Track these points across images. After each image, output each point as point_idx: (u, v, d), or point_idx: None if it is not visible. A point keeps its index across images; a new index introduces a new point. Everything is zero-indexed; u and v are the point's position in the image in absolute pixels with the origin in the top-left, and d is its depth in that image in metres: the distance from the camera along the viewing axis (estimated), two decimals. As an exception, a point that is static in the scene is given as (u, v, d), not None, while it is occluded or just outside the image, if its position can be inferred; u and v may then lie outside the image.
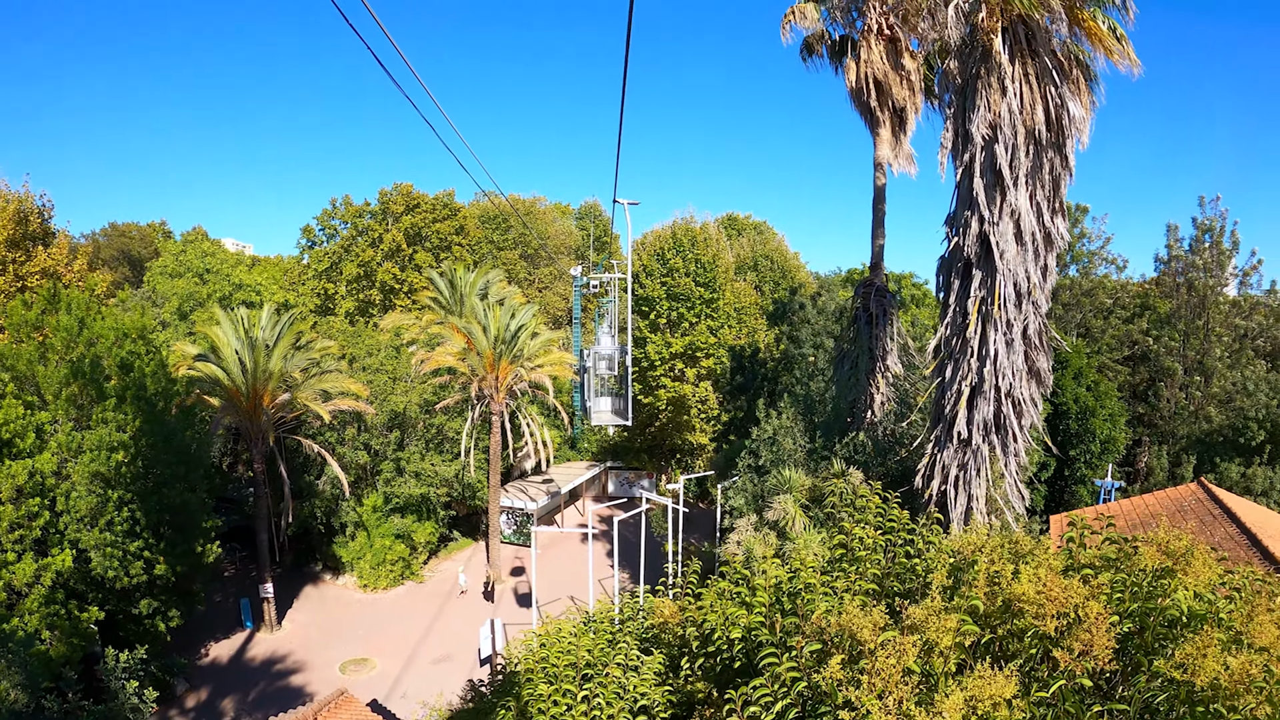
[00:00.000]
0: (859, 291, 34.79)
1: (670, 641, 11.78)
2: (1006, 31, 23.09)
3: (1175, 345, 51.01)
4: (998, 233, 22.71)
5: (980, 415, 23.00)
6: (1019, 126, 22.89)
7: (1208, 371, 49.87)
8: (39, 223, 59.06)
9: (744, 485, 30.05)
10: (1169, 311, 52.27)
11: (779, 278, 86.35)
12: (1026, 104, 22.96)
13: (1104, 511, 35.26)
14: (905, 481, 28.75)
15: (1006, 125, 22.90)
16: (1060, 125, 23.14)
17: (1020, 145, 22.91)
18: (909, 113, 35.60)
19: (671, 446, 75.98)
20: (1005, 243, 22.69)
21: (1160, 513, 32.37)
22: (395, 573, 53.74)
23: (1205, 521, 29.68)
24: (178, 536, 38.60)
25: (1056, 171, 23.42)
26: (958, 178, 23.85)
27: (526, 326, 52.87)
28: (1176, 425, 50.37)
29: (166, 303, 70.20)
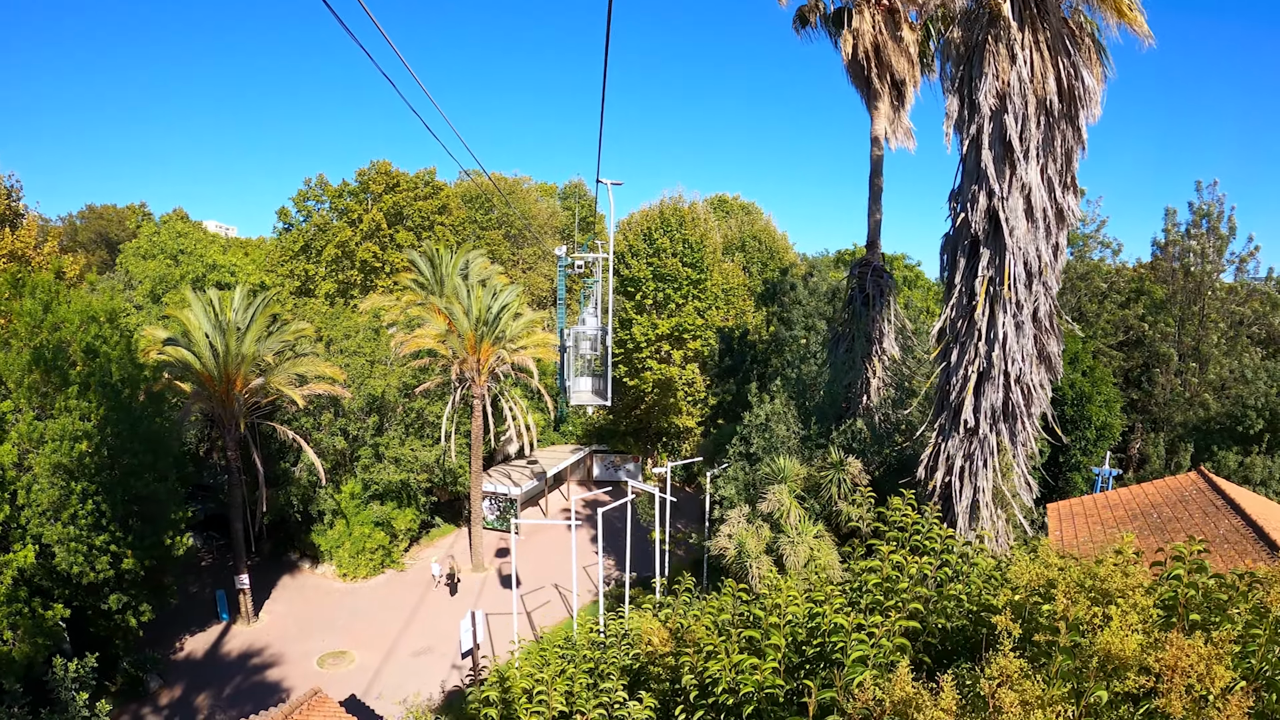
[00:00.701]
0: (854, 271, 33.40)
1: (661, 677, 10.25)
2: (1015, -5, 21.76)
3: (1171, 331, 50.35)
4: (1007, 208, 21.39)
5: (988, 402, 21.70)
6: (1029, 96, 21.57)
7: (1203, 358, 49.33)
8: (5, 204, 57.35)
9: (735, 474, 28.64)
10: (1164, 297, 51.65)
11: (767, 258, 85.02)
12: (1037, 72, 21.63)
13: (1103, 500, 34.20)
14: (905, 471, 27.49)
15: (1016, 95, 21.57)
16: (1073, 95, 21.85)
17: (1031, 116, 21.59)
18: (908, 86, 34.28)
19: (657, 429, 74.76)
20: (1015, 219, 21.37)
21: (1160, 503, 31.37)
22: (375, 561, 52.29)
23: (1208, 513, 28.67)
24: (146, 529, 37.12)
25: (1069, 144, 22.12)
26: (963, 151, 22.52)
27: (509, 307, 51.37)
28: (1172, 412, 49.68)
29: (139, 285, 68.43)
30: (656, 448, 76.12)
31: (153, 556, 37.16)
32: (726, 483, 28.57)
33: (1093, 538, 30.03)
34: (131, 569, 35.50)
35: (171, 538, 38.01)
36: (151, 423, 38.17)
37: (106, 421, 35.56)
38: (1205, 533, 27.13)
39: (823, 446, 27.54)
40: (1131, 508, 31.93)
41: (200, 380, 42.97)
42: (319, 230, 78.45)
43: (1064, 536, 30.04)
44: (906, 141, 34.93)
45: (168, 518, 38.03)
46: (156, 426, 38.55)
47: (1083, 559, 8.16)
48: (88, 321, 37.51)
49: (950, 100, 22.67)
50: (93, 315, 38.13)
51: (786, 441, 28.07)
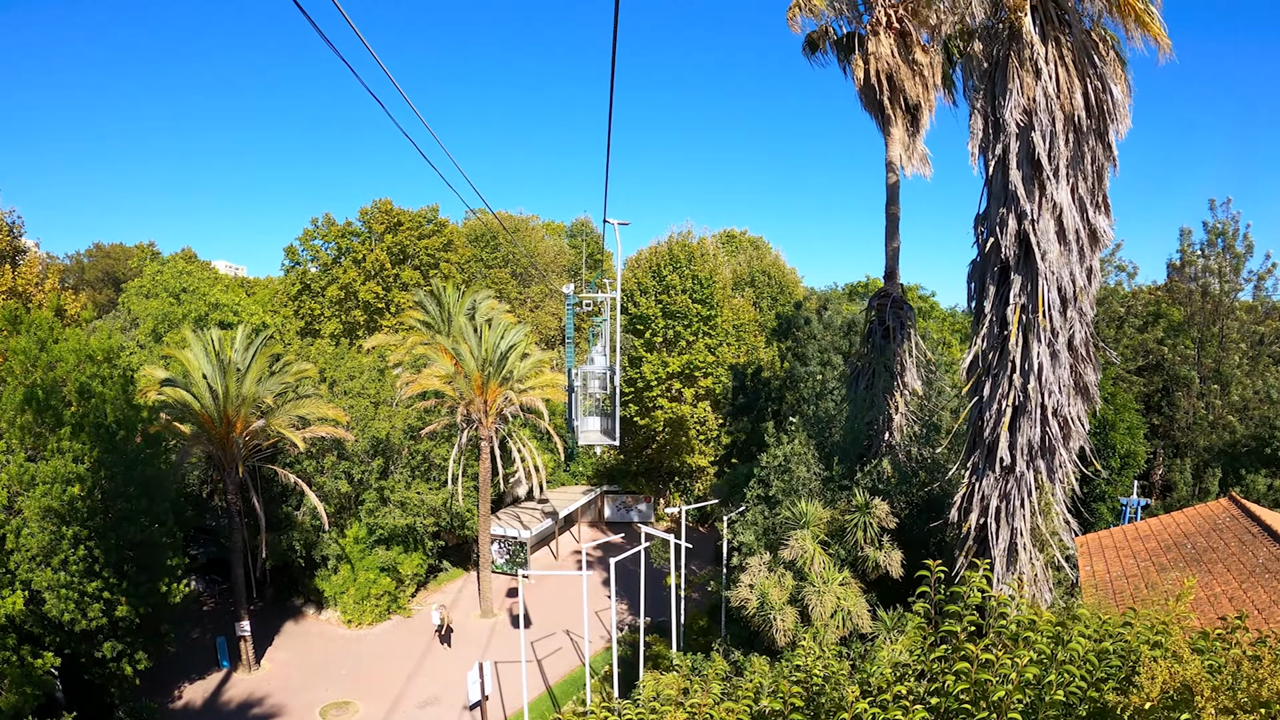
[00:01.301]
0: (873, 303, 32.11)
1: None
2: (1035, 9, 20.69)
3: (1190, 353, 49.39)
4: (1038, 231, 20.17)
5: (1024, 438, 20.36)
6: (1057, 112, 20.43)
7: (1225, 380, 48.36)
8: (7, 240, 56.56)
9: (753, 519, 27.16)
10: (1183, 319, 50.79)
11: (777, 293, 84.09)
12: (1063, 87, 20.53)
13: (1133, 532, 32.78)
14: (932, 511, 26.12)
15: (1043, 111, 20.43)
16: (1101, 110, 20.73)
17: (1059, 132, 20.45)
18: (922, 110, 33.23)
19: (669, 469, 73.27)
20: (1047, 242, 20.14)
21: (1193, 532, 30.02)
22: (381, 607, 50.78)
23: (1244, 541, 27.37)
24: (141, 575, 35.89)
25: (1099, 161, 20.97)
26: (989, 172, 21.32)
27: (517, 347, 50.14)
28: (1195, 436, 48.65)
29: (141, 324, 67.42)
30: (669, 487, 74.63)
31: (148, 604, 35.84)
32: (745, 528, 27.08)
33: (1126, 573, 28.56)
34: (126, 616, 34.25)
35: (168, 585, 36.72)
36: (147, 466, 36.96)
37: (100, 464, 34.39)
38: (1244, 563, 25.72)
39: (846, 488, 26.13)
40: (1163, 539, 30.50)
41: (200, 422, 41.76)
42: (323, 270, 77.59)
43: (1095, 572, 28.59)
44: (922, 168, 33.83)
45: (164, 564, 36.78)
46: (152, 470, 37.34)
47: (1142, 610, 6.73)
48: (84, 361, 36.50)
49: (974, 119, 21.54)
50: (89, 354, 37.12)
51: (807, 483, 26.64)
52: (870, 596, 23.45)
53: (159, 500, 37.25)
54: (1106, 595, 26.22)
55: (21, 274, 53.80)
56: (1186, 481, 46.22)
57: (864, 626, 22.52)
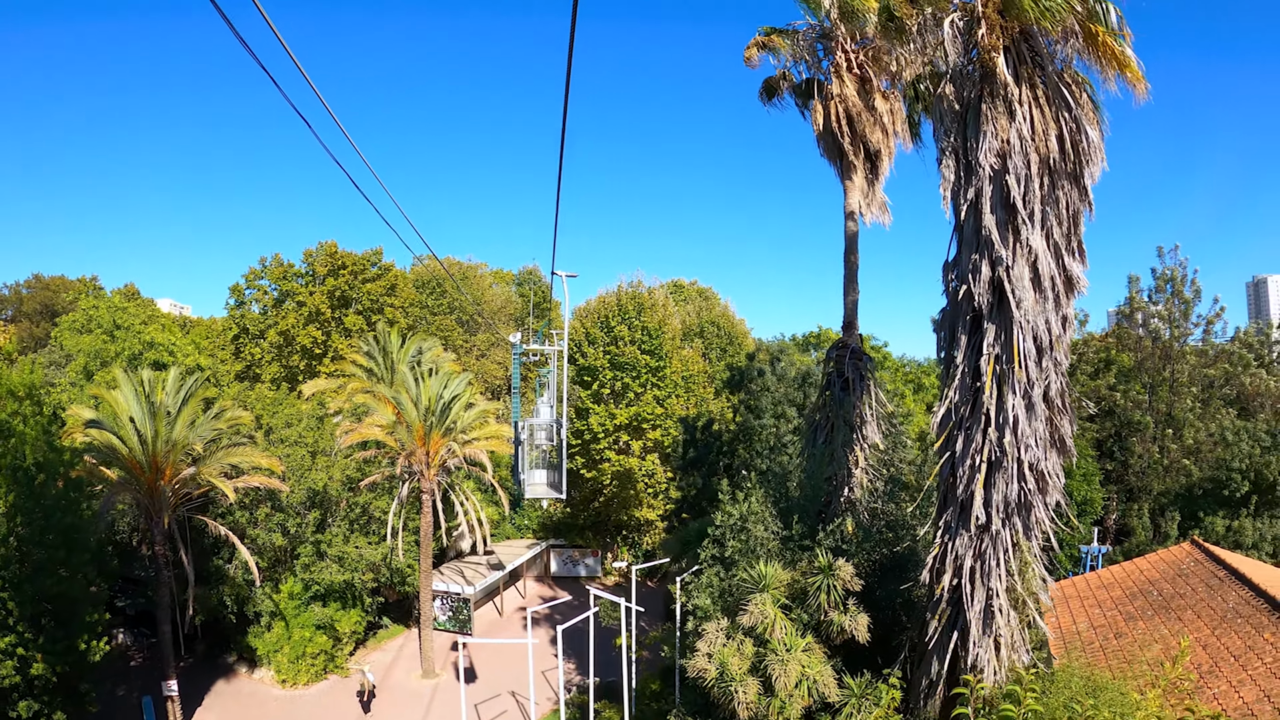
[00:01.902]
0: (831, 354, 30.94)
1: None
2: (1009, 50, 19.87)
3: (1142, 398, 49.64)
4: (1013, 278, 19.16)
5: (999, 494, 19.19)
6: (1032, 154, 19.53)
7: (1178, 423, 48.74)
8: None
9: (709, 581, 25.58)
10: (1133, 364, 51.45)
11: (726, 344, 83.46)
12: (1038, 129, 19.64)
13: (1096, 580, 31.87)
14: (899, 571, 24.88)
15: (1017, 154, 19.53)
16: (1077, 152, 19.82)
17: (1034, 176, 19.53)
18: (883, 157, 32.40)
19: (617, 522, 71.70)
20: (1022, 289, 19.13)
21: (1158, 579, 29.34)
22: (317, 666, 48.37)
23: (1212, 586, 26.88)
24: (59, 631, 33.78)
25: (1074, 205, 20.03)
26: (960, 216, 20.34)
27: (460, 397, 48.46)
28: (1150, 480, 48.95)
29: (73, 360, 64.79)
30: (616, 541, 72.96)
31: (65, 662, 33.62)
32: (700, 591, 25.44)
33: (1093, 624, 27.63)
34: (42, 675, 32.10)
35: (87, 642, 34.45)
36: (67, 513, 34.78)
37: (16, 509, 32.48)
38: (1214, 608, 25.01)
39: (807, 548, 24.71)
40: (1128, 587, 29.70)
41: (127, 467, 39.54)
42: (265, 312, 75.61)
43: (1062, 624, 27.62)
44: (882, 216, 32.94)
45: (82, 620, 34.56)
46: (73, 517, 35.12)
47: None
48: (4, 397, 34.58)
49: (945, 163, 20.58)
50: (10, 390, 35.17)
51: (765, 543, 25.18)
52: (835, 662, 22.07)
53: (79, 550, 35.17)
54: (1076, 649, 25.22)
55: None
56: (1145, 526, 46.37)
57: (831, 695, 21.13)
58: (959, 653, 20.51)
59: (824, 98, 32.45)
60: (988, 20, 19.68)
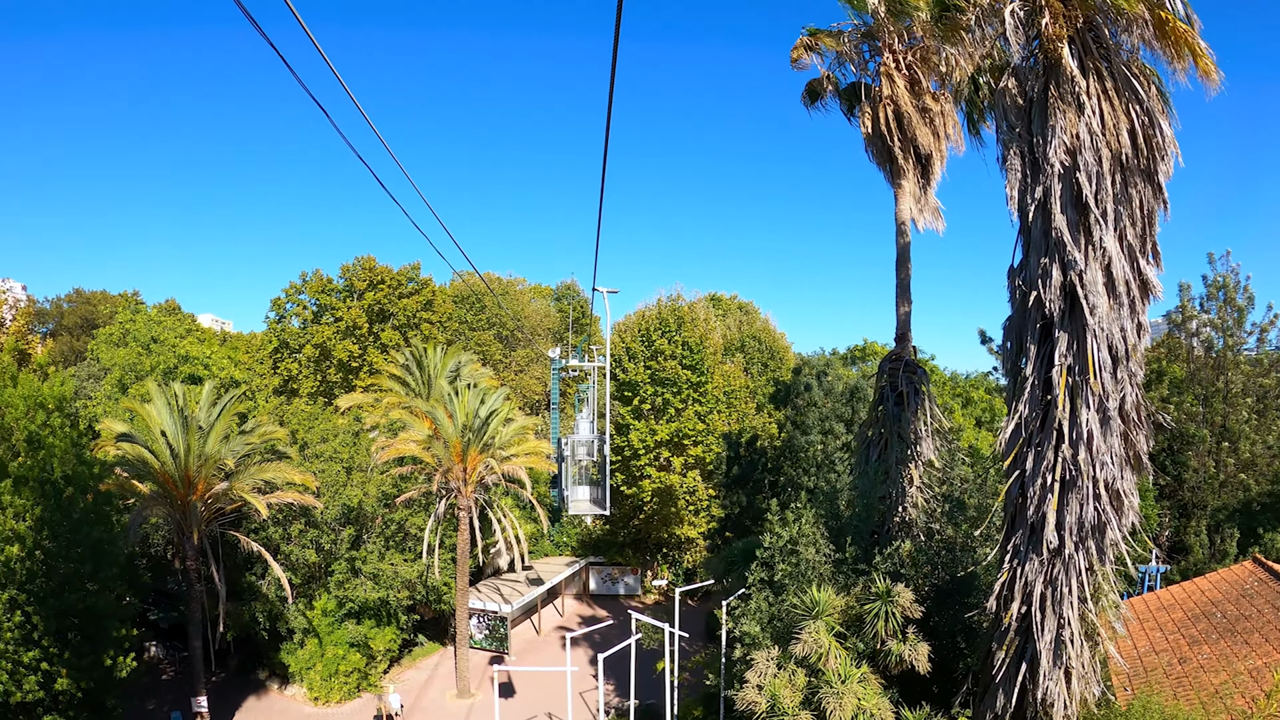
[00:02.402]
0: (884, 367, 29.51)
1: None
2: (1073, 41, 18.55)
3: (1196, 411, 47.69)
4: (1086, 282, 17.80)
5: (1073, 516, 17.77)
6: (1103, 150, 18.18)
7: (1233, 436, 46.96)
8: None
9: (757, 606, 24.16)
10: (1185, 375, 49.67)
11: (767, 358, 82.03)
12: (1109, 123, 18.31)
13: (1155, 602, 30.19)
14: (958, 596, 23.41)
15: (1088, 149, 18.17)
16: (1151, 147, 18.48)
17: (1106, 173, 18.16)
18: (934, 160, 31.11)
19: (657, 540, 70.31)
20: (1096, 295, 17.77)
21: (1221, 599, 27.69)
22: (350, 685, 47.33)
23: (1278, 606, 25.09)
24: (85, 646, 33.11)
25: (1149, 204, 18.64)
26: (1029, 217, 18.95)
27: (498, 413, 47.30)
28: (1205, 495, 46.83)
29: (109, 374, 64.47)
30: (656, 559, 71.61)
31: (90, 678, 32.94)
32: (749, 617, 24.02)
33: (1155, 647, 25.96)
34: (66, 690, 31.41)
35: (113, 658, 33.69)
36: (95, 526, 34.07)
37: (44, 522, 31.81)
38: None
39: (862, 572, 23.26)
40: (1189, 608, 28.03)
41: (159, 481, 38.82)
42: (304, 326, 75.16)
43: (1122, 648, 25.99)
44: (935, 222, 31.64)
45: (109, 635, 33.81)
46: (101, 531, 34.40)
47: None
48: (34, 408, 33.93)
49: (1012, 159, 19.22)
50: (40, 402, 34.54)
51: (817, 567, 23.73)
52: (893, 694, 20.63)
53: (107, 565, 34.49)
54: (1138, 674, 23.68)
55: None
56: (1202, 543, 44.40)
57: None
58: (1027, 685, 19.07)
59: (872, 100, 31.31)
60: (1051, 8, 18.43)
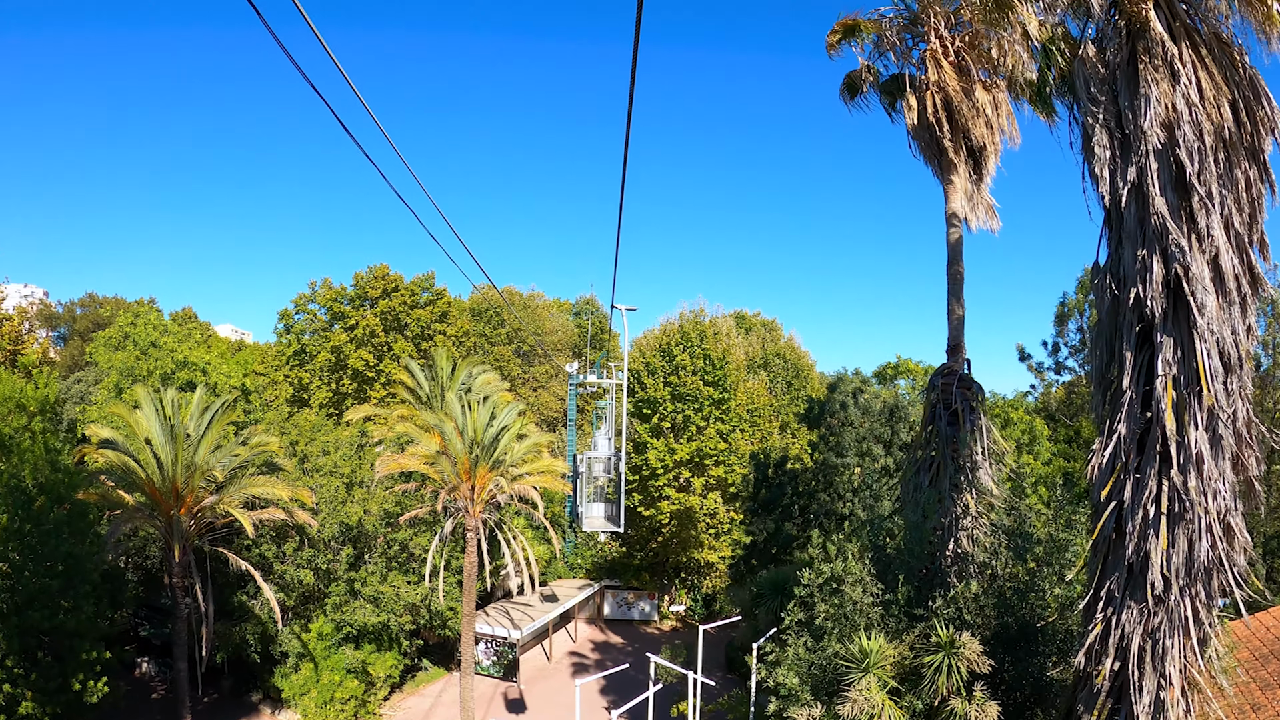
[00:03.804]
0: (935, 382, 26.36)
1: None
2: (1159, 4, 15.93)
3: None
4: (1192, 277, 14.92)
5: (1179, 555, 14.82)
6: (1203, 123, 15.43)
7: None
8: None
9: (795, 654, 21.05)
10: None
11: (792, 376, 79.30)
12: (1208, 94, 15.63)
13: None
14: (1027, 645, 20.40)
15: (1187, 123, 15.40)
16: (1254, 121, 15.81)
17: (1208, 150, 15.39)
18: (988, 153, 28.31)
19: (675, 564, 67.49)
20: (1204, 291, 14.90)
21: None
22: (347, 712, 44.36)
23: None
24: (54, 668, 30.74)
25: (1255, 186, 15.87)
26: (1121, 204, 16.12)
27: (510, 428, 44.21)
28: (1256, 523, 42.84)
29: (105, 378, 62.27)
30: (674, 584, 68.76)
31: (58, 702, 30.50)
32: (786, 667, 20.88)
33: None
34: (31, 714, 29.14)
35: (83, 682, 31.12)
36: (68, 540, 31.64)
37: (10, 533, 29.68)
38: None
39: (918, 618, 20.19)
40: (1256, 647, 24.52)
41: (145, 491, 36.26)
42: (315, 335, 73.05)
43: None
44: (989, 220, 28.79)
45: (78, 658, 31.25)
46: (72, 545, 31.90)
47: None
48: (13, 410, 31.63)
49: (1098, 135, 16.41)
50: (21, 403, 32.22)
51: (864, 609, 20.61)
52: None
53: (80, 581, 31.93)
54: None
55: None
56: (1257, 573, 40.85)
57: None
58: (1118, 756, 16.06)
59: (917, 90, 28.55)
60: (1132, -37, 15.83)
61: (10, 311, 54.37)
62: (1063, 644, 20.28)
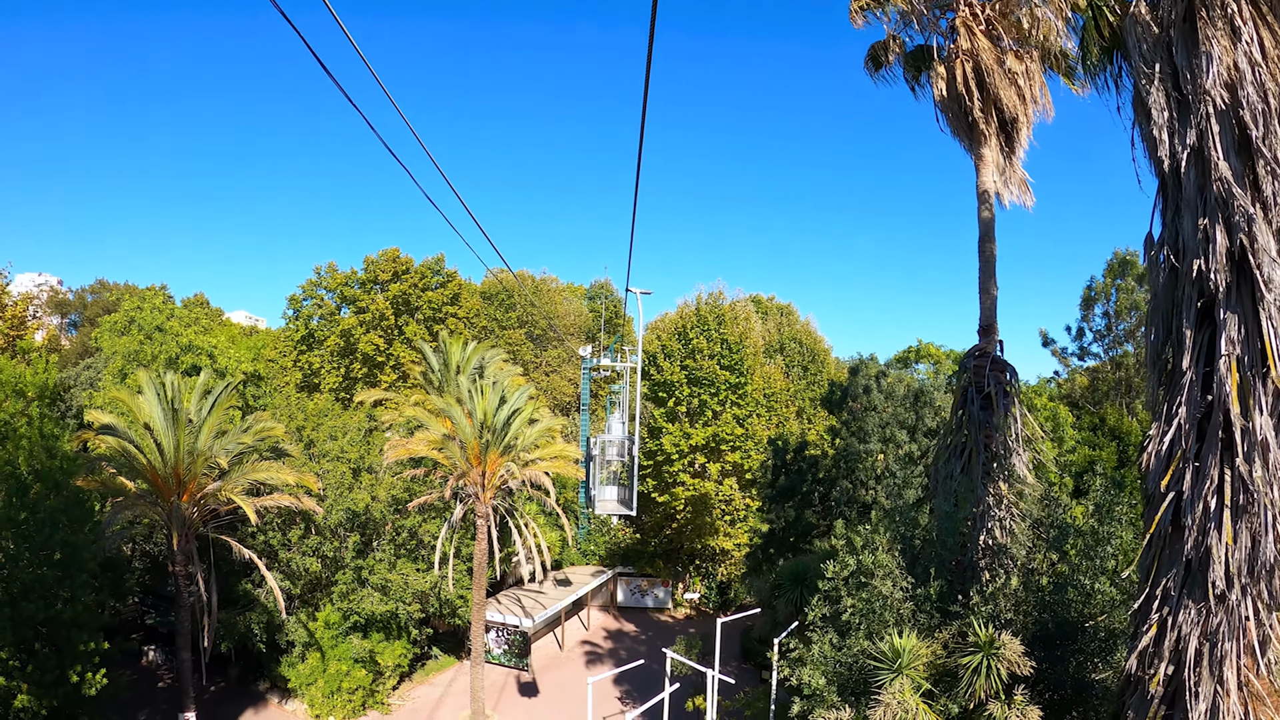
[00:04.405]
0: (967, 363, 25.01)
1: None
2: (1212, -45, 14.76)
3: None
4: (1258, 248, 13.71)
5: (1242, 551, 13.63)
6: (1267, 84, 14.28)
7: None
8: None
9: (822, 653, 19.81)
10: None
11: (808, 361, 78.15)
12: (1270, 53, 14.43)
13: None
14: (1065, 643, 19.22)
15: (1250, 84, 14.28)
16: (1319, 84, 14.57)
17: (1272, 114, 14.23)
18: (1021, 125, 27.05)
19: (690, 551, 66.32)
20: (1270, 263, 13.69)
21: None
22: (355, 702, 43.42)
23: None
24: (51, 660, 29.83)
25: (1319, 153, 14.61)
26: (1181, 170, 14.91)
27: (521, 412, 42.98)
28: None
29: (110, 363, 61.39)
30: (689, 571, 67.65)
31: (55, 695, 29.56)
32: (811, 666, 19.64)
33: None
34: (28, 707, 28.18)
35: (80, 674, 30.16)
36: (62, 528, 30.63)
37: (5, 523, 28.91)
38: None
39: (953, 615, 18.98)
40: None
41: (147, 477, 35.28)
42: (325, 319, 72.13)
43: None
44: (1023, 196, 27.52)
45: (76, 649, 30.33)
46: (67, 534, 30.89)
47: None
48: (10, 396, 30.70)
49: (1154, 96, 15.20)
50: (19, 389, 31.27)
51: (894, 605, 19.34)
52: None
53: (77, 571, 30.95)
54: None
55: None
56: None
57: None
58: (1171, 767, 14.88)
59: (946, 59, 27.30)
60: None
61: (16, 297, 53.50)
62: (1104, 643, 19.07)
